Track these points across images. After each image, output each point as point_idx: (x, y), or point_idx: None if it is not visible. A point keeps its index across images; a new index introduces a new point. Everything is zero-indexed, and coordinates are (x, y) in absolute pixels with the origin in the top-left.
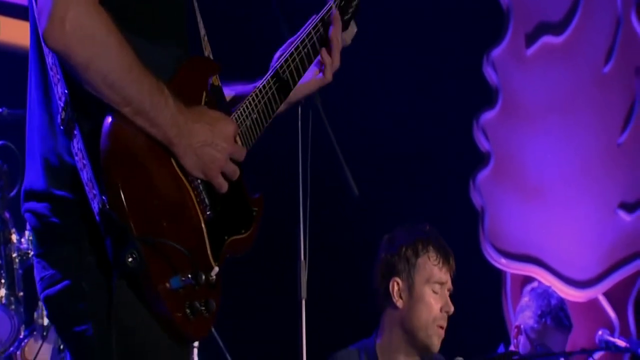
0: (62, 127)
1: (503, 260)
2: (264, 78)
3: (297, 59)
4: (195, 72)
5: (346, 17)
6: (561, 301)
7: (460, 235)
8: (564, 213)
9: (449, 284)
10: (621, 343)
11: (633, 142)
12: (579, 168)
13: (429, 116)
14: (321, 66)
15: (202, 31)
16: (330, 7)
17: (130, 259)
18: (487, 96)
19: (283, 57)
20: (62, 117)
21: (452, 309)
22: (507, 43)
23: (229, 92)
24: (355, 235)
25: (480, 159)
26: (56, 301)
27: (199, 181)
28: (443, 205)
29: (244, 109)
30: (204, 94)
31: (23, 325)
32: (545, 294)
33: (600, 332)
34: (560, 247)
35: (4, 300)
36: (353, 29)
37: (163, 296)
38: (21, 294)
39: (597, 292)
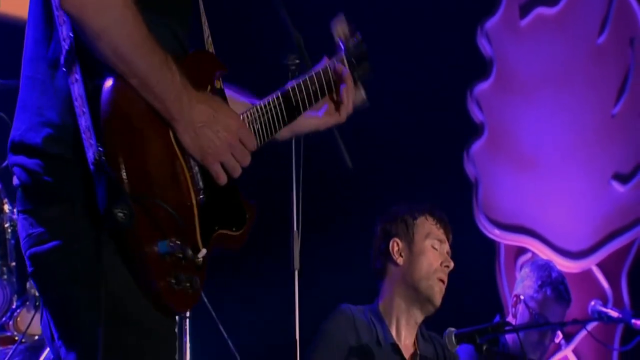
0: (64, 69)
1: (497, 231)
2: (274, 94)
3: (311, 88)
4: (203, 64)
5: (356, 75)
6: (562, 275)
7: (454, 206)
8: (558, 184)
9: (448, 247)
10: (614, 313)
11: (627, 113)
12: (572, 139)
13: (423, 87)
14: (337, 105)
15: (207, 32)
16: (341, 58)
17: (120, 214)
18: (481, 67)
19: (298, 80)
20: (66, 58)
21: (452, 264)
22: (501, 14)
23: (236, 97)
24: (349, 207)
25: (474, 130)
26: (44, 260)
27: (196, 164)
28: (437, 176)
29: (247, 116)
30: (209, 87)
31: (15, 296)
32: (547, 265)
33: (592, 303)
34: (554, 218)
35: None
36: (361, 92)
37: (150, 260)
38: (13, 264)
39: (590, 263)
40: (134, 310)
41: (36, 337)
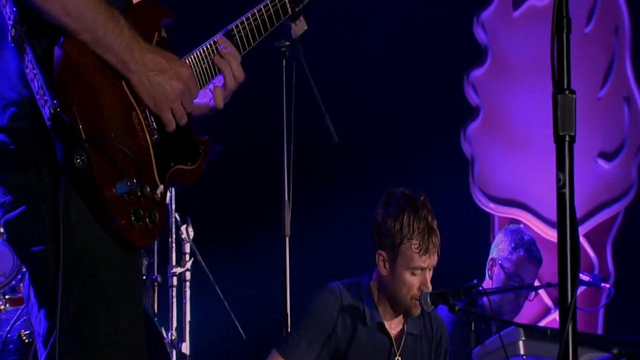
0: (12, 44)
1: (491, 205)
2: (216, 35)
3: (247, 28)
4: (149, 12)
5: (297, 9)
6: (532, 238)
7: (452, 182)
8: (547, 162)
9: (431, 265)
10: (585, 277)
11: (611, 97)
12: None
13: (423, 72)
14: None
15: None
16: None
17: (78, 160)
18: (477, 55)
19: (235, 22)
20: (12, 34)
21: (429, 288)
22: (496, 6)
23: None
24: (341, 179)
25: (470, 112)
26: (15, 224)
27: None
28: (436, 154)
29: (195, 57)
30: (156, 33)
31: None
32: (518, 230)
33: None
34: (544, 192)
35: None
36: (303, 25)
37: (110, 200)
38: None
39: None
40: (100, 263)
41: None
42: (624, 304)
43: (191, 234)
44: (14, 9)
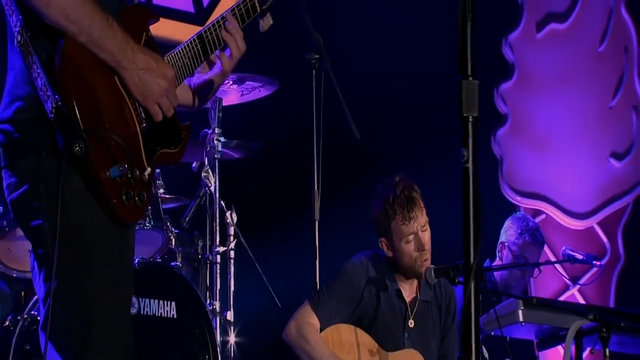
0: (18, 48)
1: (517, 197)
2: (192, 37)
3: (218, 30)
4: (137, 15)
5: (264, 7)
6: (536, 224)
7: (484, 178)
8: (567, 161)
9: (420, 224)
10: (579, 256)
11: (622, 105)
12: (578, 125)
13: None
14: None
15: None
16: None
17: (77, 148)
18: (506, 70)
19: (207, 26)
20: (18, 39)
21: (425, 246)
22: (522, 29)
23: None
24: (364, 173)
25: (500, 119)
26: (18, 202)
27: (137, 101)
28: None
29: (178, 52)
30: (144, 34)
31: None
32: (524, 217)
33: (563, 248)
34: (564, 187)
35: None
36: (269, 20)
37: (104, 182)
38: None
39: (592, 222)
40: (89, 236)
41: None
42: (634, 283)
43: (235, 218)
44: (20, 17)
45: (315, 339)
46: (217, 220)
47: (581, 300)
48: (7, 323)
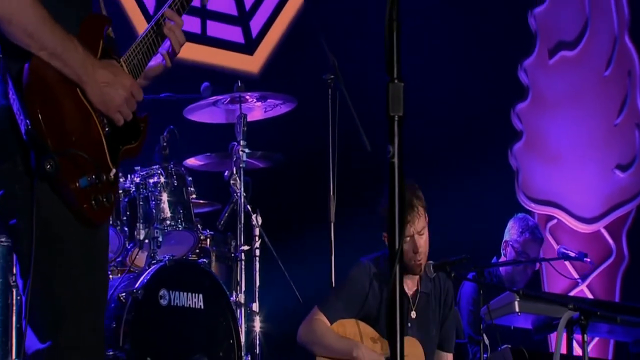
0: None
1: (532, 204)
2: (147, 28)
3: (162, 26)
4: (94, 25)
5: None
6: (536, 223)
7: (502, 187)
8: (576, 172)
9: (417, 229)
10: (572, 254)
11: (625, 123)
12: (586, 141)
13: (480, 106)
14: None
15: (104, 10)
16: None
17: (48, 166)
18: (521, 92)
19: (157, 16)
20: None
21: (419, 249)
22: (535, 55)
23: None
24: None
25: (516, 135)
26: None
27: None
28: (490, 168)
29: (133, 50)
30: (101, 42)
31: (127, 240)
32: (525, 217)
33: (558, 247)
34: (573, 195)
35: (110, 223)
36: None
37: (74, 193)
38: (124, 218)
39: (599, 226)
40: (60, 232)
41: (138, 269)
42: (637, 280)
43: (259, 220)
44: None
45: (324, 328)
46: (242, 222)
47: (590, 296)
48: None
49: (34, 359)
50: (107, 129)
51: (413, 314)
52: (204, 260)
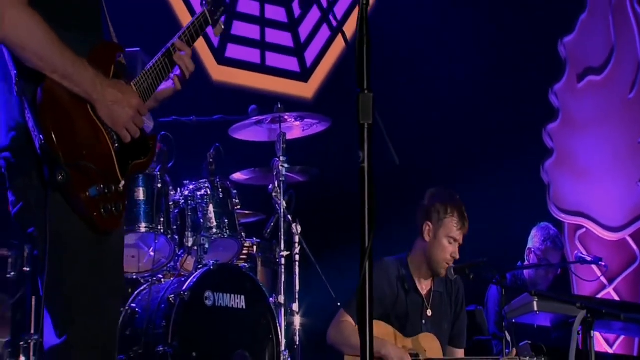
0: (17, 96)
1: (562, 215)
2: (158, 54)
3: (188, 35)
4: (106, 51)
5: (215, 18)
6: (556, 231)
7: (535, 199)
8: (602, 185)
9: (460, 241)
10: (588, 258)
11: None
12: (612, 157)
13: (513, 125)
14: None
15: (113, 34)
16: (203, 12)
17: (59, 177)
18: (552, 114)
19: (168, 45)
20: (16, 90)
21: (457, 256)
22: (565, 80)
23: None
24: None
25: (547, 152)
26: (18, 215)
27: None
28: (524, 182)
29: (143, 75)
30: (112, 67)
31: (177, 247)
32: (547, 227)
33: (576, 252)
34: (600, 206)
35: (162, 231)
36: (221, 26)
37: (84, 202)
38: (175, 227)
39: (625, 234)
40: (71, 239)
41: (187, 272)
42: None
43: (299, 229)
44: (15, 72)
45: (351, 329)
46: (283, 230)
47: (616, 298)
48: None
49: (49, 355)
50: (116, 145)
51: (429, 312)
52: (246, 265)
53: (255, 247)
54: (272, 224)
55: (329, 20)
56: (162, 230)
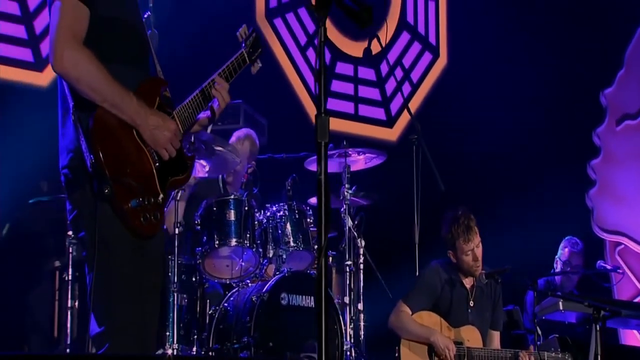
0: (73, 123)
1: (604, 234)
2: (196, 90)
3: (227, 72)
4: (152, 85)
5: (253, 58)
6: (581, 243)
7: (581, 221)
8: (638, 209)
9: (475, 243)
10: (608, 266)
11: None
12: None
13: (561, 160)
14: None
15: (158, 68)
16: (241, 52)
17: (106, 190)
18: (595, 151)
19: (208, 80)
20: (73, 119)
21: (479, 259)
22: (606, 124)
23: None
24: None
25: (591, 183)
26: (72, 222)
27: (151, 148)
28: (572, 207)
29: (182, 106)
30: (158, 99)
31: (261, 258)
32: (572, 240)
33: (598, 262)
34: (636, 226)
35: (248, 245)
36: (258, 65)
37: (127, 212)
38: (259, 242)
39: None
40: (115, 243)
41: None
42: None
43: (363, 243)
44: (72, 103)
45: (408, 317)
46: (346, 242)
47: None
48: (210, 311)
49: (93, 341)
50: (157, 164)
51: (472, 303)
52: (313, 272)
53: (330, 259)
54: (346, 238)
55: (410, 79)
56: (248, 245)
